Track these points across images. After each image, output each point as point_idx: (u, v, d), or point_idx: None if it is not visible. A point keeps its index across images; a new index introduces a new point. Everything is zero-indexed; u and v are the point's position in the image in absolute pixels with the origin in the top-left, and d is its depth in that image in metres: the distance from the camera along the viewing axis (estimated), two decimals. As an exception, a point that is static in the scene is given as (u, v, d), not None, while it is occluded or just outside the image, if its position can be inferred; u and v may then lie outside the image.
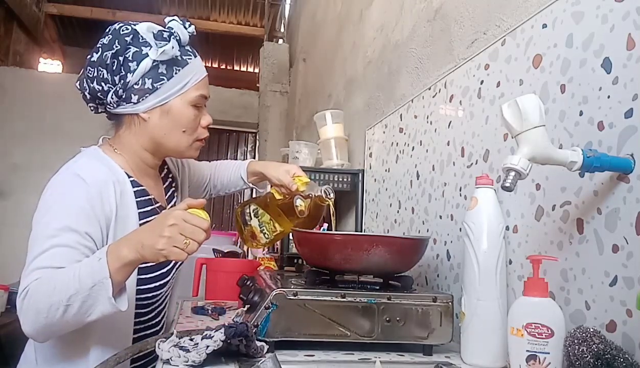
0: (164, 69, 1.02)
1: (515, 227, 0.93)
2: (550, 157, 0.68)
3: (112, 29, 1.03)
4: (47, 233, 0.91)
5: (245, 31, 6.32)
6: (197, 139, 1.11)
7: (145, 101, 1.02)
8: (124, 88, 1.01)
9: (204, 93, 1.09)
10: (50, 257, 0.89)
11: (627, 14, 0.72)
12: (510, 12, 1.03)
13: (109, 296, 0.83)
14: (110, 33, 1.03)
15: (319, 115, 2.06)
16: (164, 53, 1.00)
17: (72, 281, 0.84)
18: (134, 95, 1.01)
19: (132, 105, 1.02)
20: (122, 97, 1.02)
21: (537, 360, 0.66)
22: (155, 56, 1.00)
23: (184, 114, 1.06)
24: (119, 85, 1.01)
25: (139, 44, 1.01)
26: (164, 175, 1.21)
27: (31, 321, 0.86)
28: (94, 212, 0.96)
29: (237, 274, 1.15)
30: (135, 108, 1.03)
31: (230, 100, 5.42)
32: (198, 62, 1.09)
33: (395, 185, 1.56)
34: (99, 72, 1.01)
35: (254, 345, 0.80)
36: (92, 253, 0.92)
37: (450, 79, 1.26)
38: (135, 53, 1.00)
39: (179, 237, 0.83)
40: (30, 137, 4.97)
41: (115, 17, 5.59)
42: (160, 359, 0.76)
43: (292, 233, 1.14)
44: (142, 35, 1.02)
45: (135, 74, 1.00)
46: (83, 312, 0.85)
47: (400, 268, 1.02)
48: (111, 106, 1.04)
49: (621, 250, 0.69)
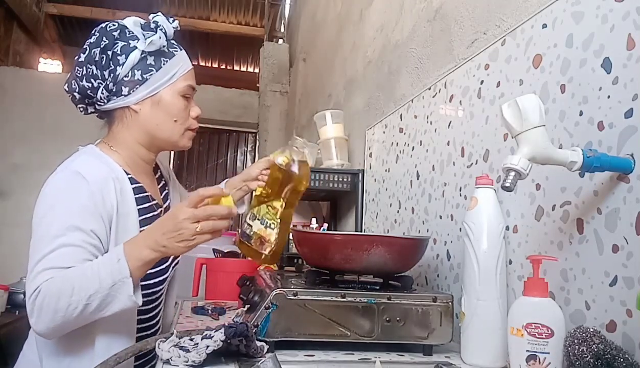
0: (152, 61, 1.04)
1: (515, 227, 0.93)
2: (550, 157, 0.68)
3: (99, 28, 1.05)
4: (52, 232, 0.91)
5: (245, 31, 6.32)
6: (188, 128, 1.13)
7: (136, 92, 1.04)
8: (114, 81, 1.03)
9: (192, 84, 1.11)
10: (59, 257, 0.90)
11: (627, 14, 0.72)
12: (510, 12, 1.03)
13: (129, 294, 0.88)
14: (97, 31, 1.04)
15: (319, 115, 2.06)
16: (152, 43, 1.02)
17: (92, 281, 0.87)
18: (125, 88, 1.03)
19: (123, 98, 1.04)
20: (113, 91, 1.04)
21: (537, 360, 0.66)
22: (143, 47, 1.02)
23: (174, 104, 1.08)
24: (109, 79, 1.02)
25: (126, 38, 1.03)
26: (158, 177, 1.22)
27: (48, 320, 0.87)
28: (96, 210, 0.96)
29: (237, 274, 1.15)
30: (126, 100, 1.04)
31: (230, 100, 5.42)
32: (184, 55, 1.11)
33: (395, 185, 1.56)
34: (87, 69, 1.03)
35: (254, 345, 0.80)
36: (98, 251, 0.94)
37: (450, 79, 1.26)
38: (124, 47, 1.02)
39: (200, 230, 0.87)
40: (30, 137, 4.97)
41: (115, 17, 5.57)
42: (160, 359, 0.76)
43: (292, 233, 1.14)
44: (129, 29, 1.04)
45: (125, 67, 1.02)
46: (101, 308, 0.88)
47: (400, 268, 1.02)
48: (102, 102, 1.05)
49: (621, 250, 0.69)
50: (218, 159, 5.89)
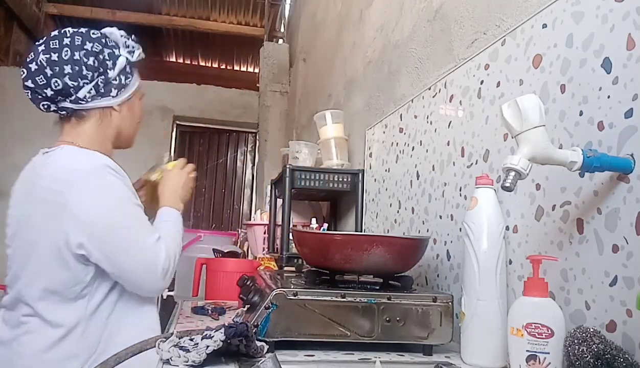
0: (129, 69, 1.23)
1: (515, 227, 0.93)
2: (550, 157, 0.68)
3: (77, 31, 1.16)
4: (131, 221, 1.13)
5: (245, 31, 6.32)
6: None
7: (120, 95, 1.21)
8: (105, 83, 1.16)
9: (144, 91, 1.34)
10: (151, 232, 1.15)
11: (627, 14, 0.72)
12: (510, 12, 1.03)
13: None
14: (77, 35, 1.15)
15: (319, 115, 2.05)
16: (134, 55, 1.22)
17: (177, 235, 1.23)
18: (114, 89, 1.19)
19: (111, 99, 1.19)
20: (102, 92, 1.17)
21: (537, 360, 0.66)
22: (126, 56, 1.20)
23: (140, 107, 1.31)
24: (99, 80, 1.15)
25: (110, 46, 1.18)
26: None
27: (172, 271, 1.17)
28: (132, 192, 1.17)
29: (237, 274, 1.15)
30: (112, 101, 1.20)
31: (230, 100, 5.42)
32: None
33: (395, 185, 1.56)
34: (73, 69, 1.12)
35: (254, 345, 0.80)
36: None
37: (450, 79, 1.26)
38: (111, 53, 1.18)
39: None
40: (30, 137, 4.96)
41: (115, 17, 5.58)
42: (160, 359, 0.76)
43: (292, 233, 1.15)
44: (113, 38, 1.20)
45: (115, 71, 1.17)
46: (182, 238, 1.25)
47: (400, 268, 1.02)
48: (83, 101, 1.15)
49: (621, 250, 0.69)
50: (218, 159, 5.89)
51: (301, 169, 1.83)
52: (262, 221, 2.34)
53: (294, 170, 1.81)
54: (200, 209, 5.60)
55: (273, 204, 2.16)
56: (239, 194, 5.83)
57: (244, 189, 5.86)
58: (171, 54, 6.76)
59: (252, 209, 5.37)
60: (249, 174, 5.87)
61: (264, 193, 3.44)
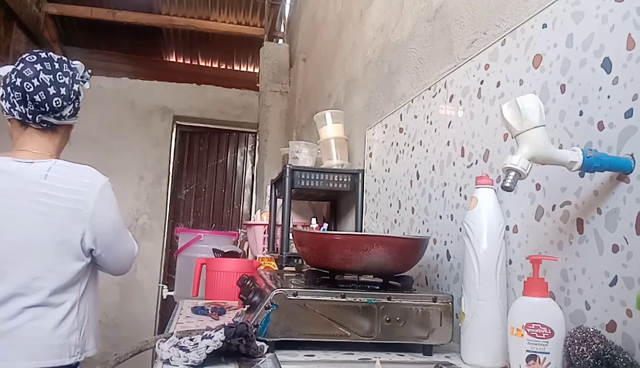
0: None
1: (515, 227, 0.93)
2: (550, 157, 0.68)
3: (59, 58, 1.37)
4: (123, 222, 1.44)
5: (245, 31, 6.31)
6: None
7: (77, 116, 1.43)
8: (79, 105, 1.41)
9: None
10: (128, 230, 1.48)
11: (627, 14, 0.72)
12: (510, 12, 1.03)
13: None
14: (56, 61, 1.35)
15: (319, 115, 2.05)
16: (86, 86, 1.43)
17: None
18: (79, 111, 1.42)
19: (75, 118, 1.42)
20: (76, 113, 1.41)
21: (537, 360, 0.66)
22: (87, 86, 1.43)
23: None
24: (76, 103, 1.39)
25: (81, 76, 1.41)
26: None
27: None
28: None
29: (237, 274, 1.15)
30: (74, 120, 1.42)
31: (230, 100, 5.41)
32: None
33: (395, 185, 1.56)
34: (67, 91, 1.33)
35: (254, 345, 0.80)
36: None
37: (450, 79, 1.26)
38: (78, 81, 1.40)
39: None
40: None
41: (115, 17, 5.58)
42: (160, 359, 0.76)
43: (292, 233, 1.15)
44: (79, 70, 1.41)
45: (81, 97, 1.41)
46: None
47: (400, 268, 1.02)
48: (64, 118, 1.37)
49: (621, 250, 0.69)
50: (218, 159, 5.88)
51: (301, 169, 1.83)
52: (262, 221, 2.34)
53: (294, 170, 1.81)
54: (200, 209, 5.59)
55: (273, 204, 2.16)
56: (239, 194, 5.82)
57: (244, 189, 5.85)
58: (171, 54, 6.75)
59: (252, 209, 5.37)
60: (249, 174, 5.87)
61: (264, 193, 3.44)
